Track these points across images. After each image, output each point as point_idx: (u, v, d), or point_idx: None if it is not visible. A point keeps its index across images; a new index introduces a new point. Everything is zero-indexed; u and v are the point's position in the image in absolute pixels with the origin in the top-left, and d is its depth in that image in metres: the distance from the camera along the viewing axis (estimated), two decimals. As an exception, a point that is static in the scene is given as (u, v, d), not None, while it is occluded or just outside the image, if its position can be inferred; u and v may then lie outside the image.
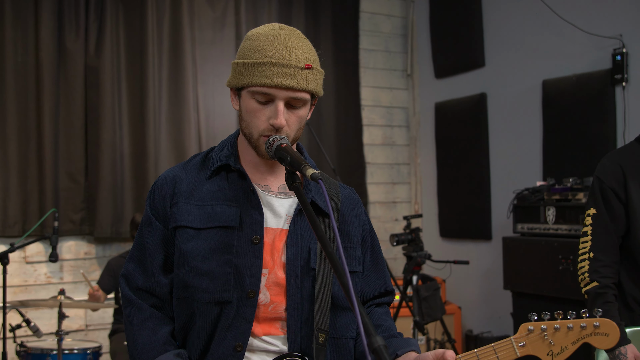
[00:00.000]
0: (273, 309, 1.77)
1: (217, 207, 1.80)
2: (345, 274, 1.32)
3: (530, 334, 1.71)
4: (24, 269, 4.73)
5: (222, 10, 5.41)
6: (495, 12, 5.57)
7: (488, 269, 5.56)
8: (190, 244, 1.77)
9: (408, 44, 6.43)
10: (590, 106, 4.67)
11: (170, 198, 1.83)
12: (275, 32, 1.78)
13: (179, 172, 1.88)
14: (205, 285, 1.74)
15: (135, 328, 1.79)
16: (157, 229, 1.83)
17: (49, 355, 3.72)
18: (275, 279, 1.78)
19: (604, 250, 2.70)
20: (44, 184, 4.72)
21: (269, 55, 1.73)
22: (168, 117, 5.13)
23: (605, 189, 2.74)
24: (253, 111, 1.77)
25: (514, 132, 5.37)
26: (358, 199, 2.03)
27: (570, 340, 1.73)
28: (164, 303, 1.83)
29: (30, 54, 4.73)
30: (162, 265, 1.82)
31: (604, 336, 1.75)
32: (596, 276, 2.67)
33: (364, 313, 1.25)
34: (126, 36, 5.04)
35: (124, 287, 1.85)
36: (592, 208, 2.78)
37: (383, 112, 6.31)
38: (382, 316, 1.97)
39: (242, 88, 1.79)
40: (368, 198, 6.12)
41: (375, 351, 1.22)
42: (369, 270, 1.99)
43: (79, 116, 4.88)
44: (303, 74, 1.74)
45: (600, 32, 4.63)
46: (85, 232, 4.91)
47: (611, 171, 2.75)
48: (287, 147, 1.67)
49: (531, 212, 4.65)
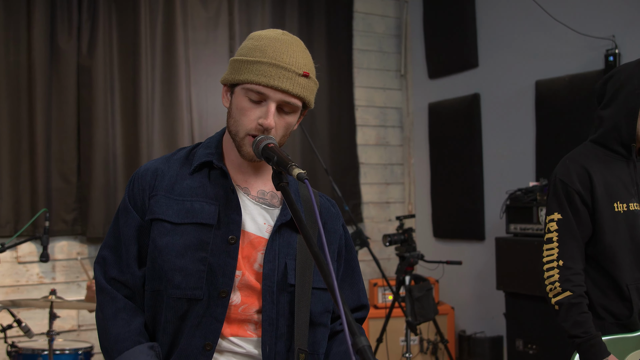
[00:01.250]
0: (244, 310, 1.77)
1: (196, 203, 1.80)
2: (330, 274, 1.32)
3: None
4: (16, 269, 4.72)
5: (216, 11, 5.40)
6: (489, 13, 5.58)
7: (481, 270, 5.57)
8: (166, 238, 1.77)
9: (402, 44, 6.43)
10: (583, 107, 4.67)
11: (149, 190, 1.83)
12: (278, 36, 1.80)
13: (161, 164, 1.88)
14: (177, 281, 1.74)
15: (109, 318, 1.78)
16: (134, 218, 1.83)
17: (40, 355, 3.70)
18: (247, 281, 1.78)
19: (572, 257, 2.56)
20: (36, 184, 4.70)
21: (270, 56, 1.74)
22: (161, 117, 5.12)
23: (570, 192, 2.60)
24: (244, 109, 1.77)
25: (507, 133, 5.38)
26: (337, 212, 2.02)
27: None
28: (135, 295, 1.82)
29: (23, 53, 4.71)
30: (136, 257, 1.82)
31: None
32: (569, 285, 2.52)
33: (348, 312, 1.25)
34: (119, 36, 5.02)
35: (98, 274, 1.84)
36: (557, 213, 2.62)
37: (377, 113, 6.31)
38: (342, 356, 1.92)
39: (237, 85, 1.79)
40: (362, 198, 6.12)
41: (359, 351, 1.21)
42: (343, 283, 1.98)
43: (71, 116, 4.86)
44: (300, 80, 1.75)
45: (593, 32, 4.64)
46: (78, 232, 4.90)
47: (576, 173, 2.62)
48: (274, 147, 1.67)
49: (524, 212, 4.65)
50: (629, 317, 2.57)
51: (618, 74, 2.67)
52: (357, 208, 6.06)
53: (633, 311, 2.57)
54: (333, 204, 2.04)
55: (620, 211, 2.61)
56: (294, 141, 5.66)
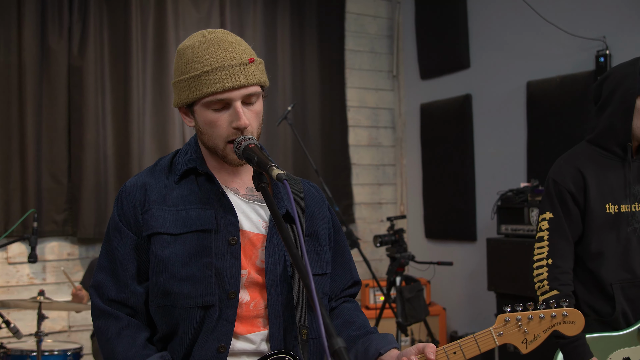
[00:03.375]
0: (254, 306, 1.78)
1: (192, 211, 1.78)
2: (307, 275, 1.32)
3: (507, 324, 1.85)
4: (6, 269, 4.70)
5: (207, 11, 5.39)
6: (481, 14, 5.59)
7: (473, 270, 5.57)
8: (168, 250, 1.75)
9: (394, 45, 6.43)
10: (574, 107, 4.68)
11: (141, 205, 1.80)
12: (206, 38, 1.78)
13: (147, 178, 1.85)
14: (187, 290, 1.73)
15: (113, 338, 1.75)
16: (128, 237, 1.80)
17: (29, 356, 3.70)
18: (253, 279, 1.78)
19: (562, 256, 2.59)
20: (27, 185, 4.68)
21: (211, 61, 1.72)
22: (152, 118, 5.11)
23: (562, 192, 2.62)
24: (212, 121, 1.75)
25: (498, 133, 5.38)
26: (322, 196, 2.03)
27: (542, 328, 1.87)
28: (137, 313, 1.80)
29: (13, 53, 4.70)
30: (136, 275, 1.79)
31: (572, 324, 1.90)
32: (556, 284, 2.56)
33: (325, 314, 1.25)
34: (110, 36, 5.01)
35: (95, 299, 1.81)
36: (549, 212, 2.64)
37: (369, 113, 6.31)
38: (353, 312, 1.98)
39: (193, 103, 1.77)
40: (353, 199, 6.12)
41: (335, 353, 1.21)
42: (334, 264, 1.99)
43: (62, 116, 4.85)
44: (248, 68, 1.74)
45: (583, 33, 4.64)
46: (68, 233, 4.88)
47: (569, 174, 2.64)
48: (254, 148, 1.67)
49: (515, 213, 4.66)
50: (611, 315, 2.59)
51: (613, 74, 2.69)
52: (349, 209, 6.05)
53: (616, 310, 2.58)
54: (316, 188, 2.04)
55: (611, 212, 2.62)
56: (286, 142, 5.66)
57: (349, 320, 1.94)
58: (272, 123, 5.38)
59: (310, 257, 1.88)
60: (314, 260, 1.88)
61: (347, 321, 1.94)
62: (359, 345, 1.83)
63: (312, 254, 1.89)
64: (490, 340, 1.82)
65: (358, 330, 1.90)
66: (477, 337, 1.81)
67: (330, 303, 2.01)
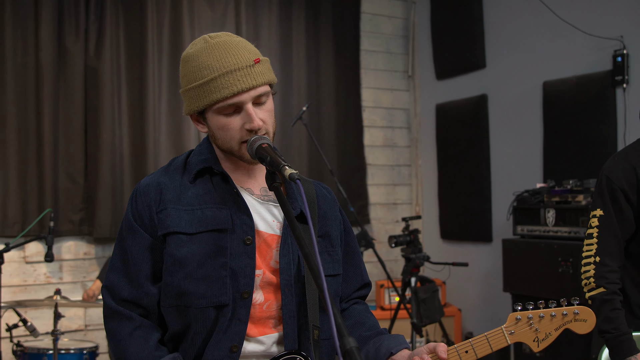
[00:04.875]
0: (268, 307, 1.78)
1: (207, 210, 1.78)
2: (320, 276, 1.32)
3: (518, 322, 1.85)
4: (24, 268, 4.74)
5: (222, 12, 5.41)
6: (496, 14, 5.56)
7: (488, 271, 5.54)
8: (184, 249, 1.74)
9: (409, 45, 6.42)
10: (591, 108, 4.65)
11: (156, 205, 1.80)
12: (208, 44, 1.77)
13: (162, 178, 1.85)
14: (202, 290, 1.73)
15: (125, 338, 1.75)
16: (142, 237, 1.79)
17: (45, 354, 3.72)
18: (268, 279, 1.79)
19: (611, 254, 2.57)
20: (44, 185, 4.72)
21: (217, 67, 1.72)
22: (168, 118, 5.13)
23: (614, 190, 2.60)
24: (225, 126, 1.76)
25: (514, 134, 5.36)
26: (333, 198, 2.03)
27: (554, 326, 1.87)
28: (150, 313, 1.80)
29: (30, 54, 4.74)
30: (150, 275, 1.79)
31: (583, 322, 1.89)
32: (603, 282, 2.54)
33: (337, 314, 1.25)
34: (126, 37, 5.04)
35: (107, 299, 1.80)
36: (599, 209, 2.63)
37: (384, 114, 6.30)
38: (364, 313, 1.98)
39: (204, 111, 1.78)
40: (369, 199, 6.11)
41: (347, 353, 1.21)
42: (345, 265, 1.99)
43: (78, 117, 4.88)
44: (255, 69, 1.74)
45: (600, 33, 4.61)
46: (85, 233, 4.92)
47: (623, 171, 2.61)
48: (267, 148, 1.67)
49: (531, 214, 4.63)
50: None
51: None
52: (364, 209, 6.05)
53: None
54: (328, 190, 2.04)
55: None
56: (301, 142, 5.66)
57: (359, 321, 1.94)
58: (287, 123, 5.39)
59: (322, 257, 1.88)
60: (326, 261, 1.88)
61: (358, 322, 1.94)
62: (370, 346, 1.83)
63: (325, 255, 1.89)
64: (502, 339, 1.82)
65: (369, 330, 1.90)
66: (488, 336, 1.81)
67: (340, 304, 2.00)
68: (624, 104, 4.49)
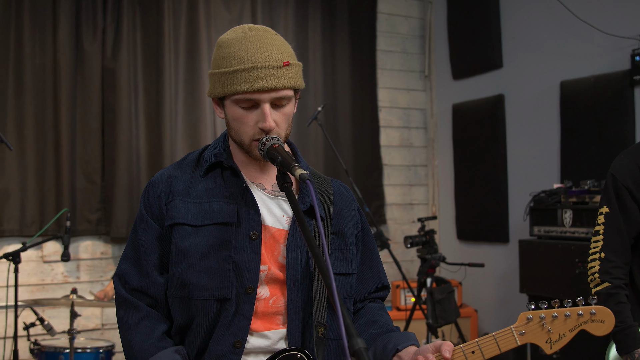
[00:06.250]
0: (274, 302, 1.78)
1: (215, 204, 1.80)
2: (329, 275, 1.32)
3: (529, 322, 1.75)
4: (41, 268, 4.78)
5: (239, 12, 5.43)
6: (513, 13, 5.53)
7: (505, 272, 5.51)
8: (189, 240, 1.76)
9: (425, 45, 6.40)
10: (609, 107, 4.61)
11: (165, 196, 1.83)
12: (245, 34, 1.77)
13: (173, 171, 1.89)
14: (204, 282, 1.74)
15: (132, 327, 1.78)
16: (152, 227, 1.83)
17: (62, 353, 3.75)
18: (274, 274, 1.78)
19: (615, 251, 2.63)
20: (61, 184, 4.76)
21: (245, 60, 1.72)
22: (184, 118, 5.15)
23: (619, 187, 2.65)
24: (240, 118, 1.76)
25: (531, 134, 5.32)
26: (351, 197, 2.02)
27: (568, 327, 1.77)
28: (157, 303, 1.82)
29: (48, 55, 4.78)
30: (158, 265, 1.81)
31: (600, 323, 1.79)
32: (607, 277, 2.60)
33: (346, 314, 1.24)
34: (143, 38, 5.07)
35: (118, 287, 1.84)
36: (605, 207, 2.69)
37: (400, 114, 6.28)
38: (377, 311, 1.97)
39: (224, 97, 1.78)
40: (385, 200, 6.10)
41: (355, 353, 1.21)
42: (363, 266, 1.98)
43: (95, 117, 4.92)
44: (282, 72, 1.73)
45: (618, 32, 4.57)
46: (102, 232, 4.95)
47: (628, 169, 2.65)
48: (279, 148, 1.67)
49: (548, 214, 4.60)
50: None
51: None
52: (381, 209, 6.04)
53: None
54: (347, 188, 2.03)
55: None
56: (317, 142, 5.66)
57: (372, 319, 1.93)
58: (302, 123, 5.39)
59: (335, 255, 1.87)
60: (339, 259, 1.88)
61: (370, 320, 1.93)
62: (378, 343, 1.82)
63: (337, 253, 1.88)
64: (511, 339, 1.74)
65: (379, 328, 1.89)
66: (497, 336, 1.73)
67: (355, 305, 1.99)
68: (642, 104, 4.45)
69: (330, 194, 1.93)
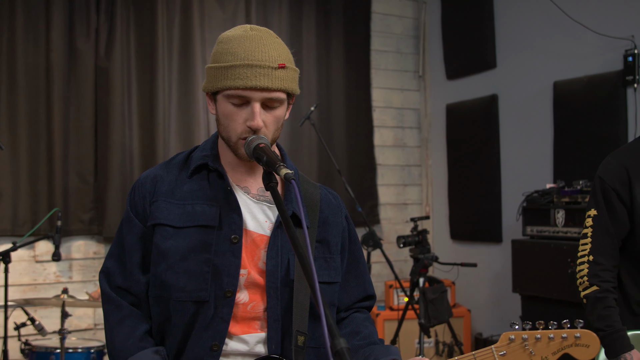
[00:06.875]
0: (252, 308, 1.77)
1: (197, 206, 1.80)
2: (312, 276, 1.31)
3: (511, 343, 1.71)
4: (34, 267, 4.77)
5: (233, 12, 5.42)
6: (507, 14, 5.53)
7: (498, 272, 5.52)
8: (169, 242, 1.77)
9: (420, 45, 6.40)
10: (602, 108, 4.61)
11: (150, 196, 1.84)
12: (246, 33, 1.78)
13: (160, 171, 1.89)
14: (182, 284, 1.74)
15: (114, 326, 1.79)
16: (136, 226, 1.83)
17: (53, 353, 3.73)
18: (253, 279, 1.78)
19: (604, 253, 2.61)
20: (54, 184, 4.75)
21: (242, 57, 1.73)
22: (178, 118, 5.14)
23: (607, 190, 2.64)
24: (230, 114, 1.76)
25: (524, 134, 5.33)
26: (339, 204, 2.01)
27: (551, 350, 1.72)
28: (141, 302, 1.83)
29: (41, 54, 4.76)
30: (140, 264, 1.83)
31: (585, 347, 1.74)
32: (596, 280, 2.58)
33: (328, 314, 1.24)
34: (136, 37, 5.06)
35: (103, 284, 1.86)
36: (593, 209, 2.68)
37: (394, 114, 6.28)
38: (362, 322, 1.95)
39: (218, 92, 1.78)
40: (379, 199, 6.10)
41: (337, 354, 1.20)
42: (348, 275, 1.97)
43: (88, 117, 4.90)
44: (277, 73, 1.73)
45: (611, 33, 4.57)
46: (94, 232, 4.94)
47: (615, 171, 2.65)
48: (265, 147, 1.67)
49: (540, 214, 4.60)
50: None
51: None
52: (374, 209, 6.03)
53: None
54: (335, 195, 2.03)
55: None
56: (311, 142, 5.66)
57: (355, 330, 1.91)
58: (296, 123, 5.39)
59: (318, 264, 1.87)
60: (322, 267, 1.87)
61: (353, 331, 1.92)
62: (360, 355, 1.81)
63: (321, 261, 1.88)
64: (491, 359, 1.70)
65: (362, 340, 1.88)
66: (477, 355, 1.70)
67: (339, 314, 1.98)
68: (634, 104, 4.45)
69: (316, 201, 1.92)
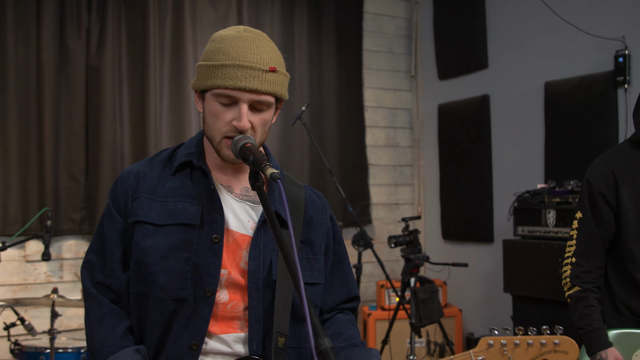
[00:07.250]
0: (232, 307, 1.77)
1: (179, 204, 1.79)
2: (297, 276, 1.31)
3: (490, 348, 1.71)
4: (24, 267, 4.75)
5: (225, 11, 5.41)
6: (499, 15, 5.54)
7: (489, 272, 5.53)
8: (150, 240, 1.76)
9: (412, 45, 6.40)
10: (593, 108, 4.63)
11: (132, 192, 1.82)
12: (240, 34, 1.78)
13: (143, 167, 1.88)
14: (162, 282, 1.74)
15: (94, 323, 1.78)
16: (117, 222, 1.82)
17: (43, 353, 3.72)
18: (234, 279, 1.77)
19: (586, 255, 2.67)
20: (45, 183, 4.73)
21: (233, 57, 1.72)
22: (169, 118, 5.13)
23: (593, 193, 2.68)
24: (216, 113, 1.76)
25: (516, 134, 5.34)
26: (323, 205, 2.00)
27: (530, 356, 1.72)
28: (121, 298, 1.82)
29: (32, 53, 4.74)
30: (121, 260, 1.82)
31: (564, 354, 1.74)
32: (577, 281, 2.66)
33: (313, 313, 1.24)
34: (128, 36, 5.04)
35: (85, 279, 1.84)
36: (580, 212, 2.73)
37: (386, 114, 6.29)
38: (345, 324, 1.95)
39: (206, 90, 1.78)
40: (370, 199, 6.10)
41: (322, 353, 1.20)
42: (332, 276, 1.97)
43: (79, 116, 4.89)
44: (267, 76, 1.73)
45: (602, 33, 4.59)
46: (85, 232, 4.92)
47: (601, 174, 2.68)
48: (252, 147, 1.66)
49: (532, 214, 4.61)
50: None
51: None
52: (366, 209, 6.04)
53: None
54: (320, 196, 2.02)
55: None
56: (302, 142, 5.65)
57: (337, 331, 1.91)
58: (287, 123, 5.39)
59: (302, 264, 1.86)
60: (305, 268, 1.87)
61: (336, 332, 1.91)
62: (340, 358, 1.81)
63: (304, 262, 1.88)
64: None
65: (343, 342, 1.88)
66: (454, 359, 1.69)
67: (323, 315, 1.98)
68: (625, 105, 4.47)
69: (301, 201, 1.92)
